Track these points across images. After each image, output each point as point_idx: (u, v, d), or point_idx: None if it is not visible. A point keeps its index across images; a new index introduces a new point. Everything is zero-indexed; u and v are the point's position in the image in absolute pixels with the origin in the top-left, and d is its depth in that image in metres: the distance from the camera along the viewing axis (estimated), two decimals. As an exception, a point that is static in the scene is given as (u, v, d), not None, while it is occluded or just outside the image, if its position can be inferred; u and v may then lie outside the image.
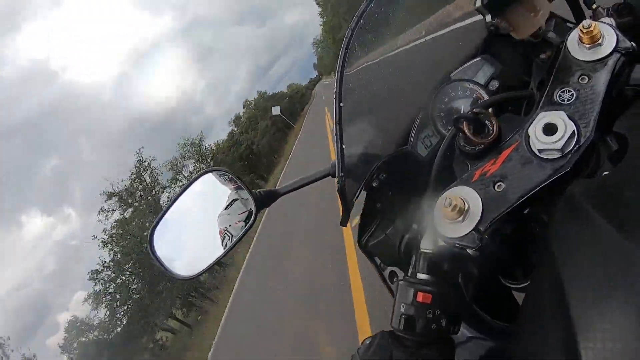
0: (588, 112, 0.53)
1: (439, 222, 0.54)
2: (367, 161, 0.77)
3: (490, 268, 0.66)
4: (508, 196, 0.52)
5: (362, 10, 0.78)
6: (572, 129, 0.51)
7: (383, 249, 0.77)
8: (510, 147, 0.55)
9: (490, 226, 0.51)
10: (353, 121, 0.75)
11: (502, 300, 0.74)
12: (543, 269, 0.45)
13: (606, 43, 0.56)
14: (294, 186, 0.94)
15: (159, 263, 0.94)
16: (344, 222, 0.75)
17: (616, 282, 0.35)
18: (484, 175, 0.54)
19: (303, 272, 7.39)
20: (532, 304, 0.47)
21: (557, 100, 0.55)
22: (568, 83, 0.56)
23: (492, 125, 0.58)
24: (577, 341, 0.34)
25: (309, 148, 8.91)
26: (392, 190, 0.79)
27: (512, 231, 0.57)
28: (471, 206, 0.53)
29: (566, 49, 0.58)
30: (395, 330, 0.56)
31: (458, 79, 0.83)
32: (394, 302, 0.58)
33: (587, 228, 0.41)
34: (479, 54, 0.84)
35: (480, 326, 0.71)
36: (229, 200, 0.96)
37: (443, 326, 0.55)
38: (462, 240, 0.52)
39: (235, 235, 0.94)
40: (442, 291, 0.56)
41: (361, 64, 0.83)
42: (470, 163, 0.59)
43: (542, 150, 0.52)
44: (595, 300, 0.36)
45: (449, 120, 0.81)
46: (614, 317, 0.34)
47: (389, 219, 0.77)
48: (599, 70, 0.55)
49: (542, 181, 0.51)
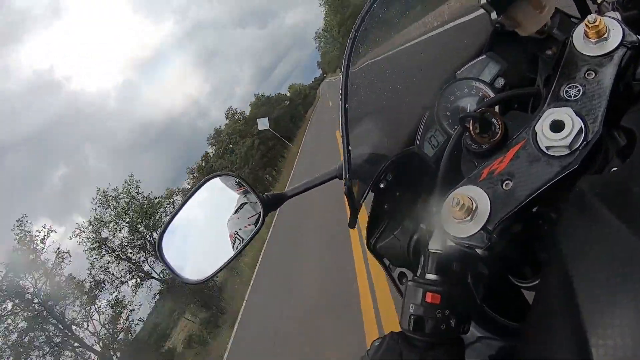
0: (595, 107, 0.52)
1: (447, 222, 0.53)
2: (374, 162, 0.77)
3: (499, 267, 0.66)
4: (516, 194, 0.51)
5: (366, 10, 0.78)
6: (580, 125, 0.51)
7: (391, 250, 0.77)
8: (517, 145, 0.55)
9: (498, 225, 0.51)
10: (359, 122, 0.76)
11: (512, 300, 0.74)
12: (552, 266, 0.45)
13: (612, 37, 0.56)
14: (301, 189, 0.94)
15: (168, 267, 0.95)
16: (352, 224, 0.75)
17: (625, 278, 0.35)
18: (492, 173, 0.54)
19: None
20: (542, 303, 0.47)
21: (563, 97, 0.55)
22: (574, 79, 0.55)
23: (498, 124, 0.57)
24: (588, 339, 0.34)
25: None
26: (399, 191, 0.79)
27: (521, 230, 0.56)
28: (479, 205, 0.52)
29: (572, 44, 0.58)
30: (405, 330, 0.56)
31: (463, 77, 0.83)
32: (403, 303, 0.58)
33: (596, 225, 0.41)
34: (484, 52, 0.84)
35: (490, 326, 0.71)
36: (238, 204, 0.97)
37: (452, 326, 0.55)
38: (471, 240, 0.52)
39: (245, 238, 0.94)
40: (451, 291, 0.56)
41: (366, 65, 0.83)
42: (478, 162, 0.59)
43: (550, 147, 0.51)
44: (605, 297, 0.35)
45: (455, 120, 0.80)
46: (624, 314, 0.33)
47: (397, 220, 0.77)
48: (606, 65, 0.55)
49: (550, 179, 0.50)
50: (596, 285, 0.37)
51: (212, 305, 21.83)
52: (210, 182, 0.97)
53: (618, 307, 0.34)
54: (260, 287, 11.56)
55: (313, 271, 7.36)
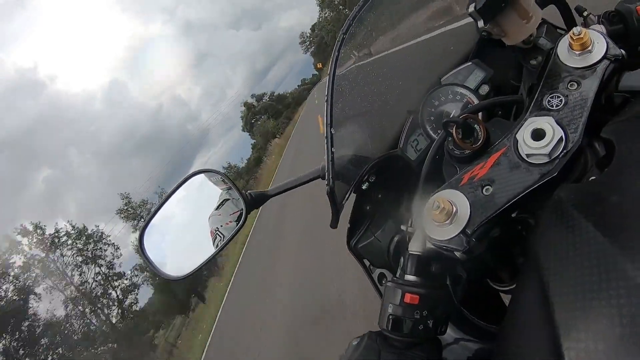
0: (576, 118, 0.53)
1: (427, 224, 0.54)
2: (357, 164, 0.77)
3: (477, 270, 0.66)
4: (496, 200, 0.52)
5: (354, 14, 0.78)
6: (560, 135, 0.52)
7: (372, 250, 0.77)
8: (498, 152, 0.55)
9: (477, 229, 0.52)
10: (343, 123, 0.76)
11: (490, 302, 0.74)
12: (529, 271, 0.46)
13: (596, 50, 0.57)
14: (283, 188, 0.94)
15: (149, 263, 0.93)
16: (334, 224, 0.75)
17: (599, 285, 0.35)
18: (473, 179, 0.55)
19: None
20: (518, 306, 0.47)
21: (546, 106, 0.56)
22: (557, 89, 0.56)
23: (481, 130, 0.58)
24: (561, 343, 0.35)
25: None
26: (381, 193, 0.79)
27: (499, 234, 0.57)
28: (459, 209, 0.53)
29: (556, 55, 0.59)
30: (383, 330, 0.57)
31: (449, 83, 0.83)
32: (382, 303, 0.59)
33: (573, 232, 0.41)
34: (470, 59, 0.85)
35: (467, 328, 0.71)
36: (220, 200, 0.96)
37: (430, 327, 0.55)
38: (450, 243, 0.52)
39: (227, 236, 0.94)
40: (429, 293, 0.56)
41: (353, 67, 0.83)
42: (459, 167, 0.59)
43: (530, 155, 0.52)
44: (579, 302, 0.36)
45: (438, 124, 0.81)
46: (597, 319, 0.34)
47: (378, 221, 0.78)
48: (588, 76, 0.56)
49: (529, 185, 0.51)
50: (570, 290, 0.37)
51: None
52: (194, 178, 0.97)
53: (591, 312, 0.35)
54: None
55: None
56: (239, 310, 11.28)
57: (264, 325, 7.22)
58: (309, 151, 14.27)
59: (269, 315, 7.18)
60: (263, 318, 7.53)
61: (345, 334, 3.25)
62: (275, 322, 6.67)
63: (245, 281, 13.26)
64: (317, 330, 4.75)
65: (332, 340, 4.13)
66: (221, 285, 18.38)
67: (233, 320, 11.81)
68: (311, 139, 17.25)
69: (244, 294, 12.00)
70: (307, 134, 23.77)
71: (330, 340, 4.18)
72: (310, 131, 20.98)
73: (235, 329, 10.57)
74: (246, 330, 8.50)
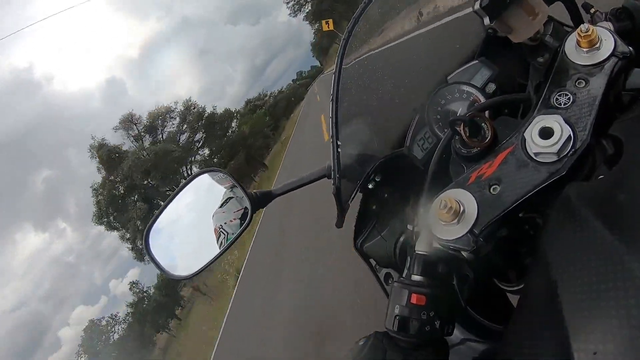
0: (585, 116, 0.53)
1: (434, 224, 0.54)
2: (363, 163, 0.77)
3: (484, 270, 0.66)
4: (503, 199, 0.52)
5: (360, 12, 0.78)
6: (569, 133, 0.51)
7: (378, 250, 0.77)
8: (506, 150, 0.55)
9: (485, 229, 0.51)
10: (349, 122, 0.75)
11: (497, 303, 0.74)
12: (536, 271, 0.45)
13: (604, 47, 0.56)
14: (288, 187, 0.94)
15: (155, 263, 0.94)
16: (340, 224, 0.75)
17: (608, 285, 0.35)
18: (480, 177, 0.54)
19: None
20: (526, 307, 0.47)
21: (553, 104, 0.55)
22: (565, 87, 0.56)
23: (488, 128, 0.58)
24: (570, 344, 0.34)
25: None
26: (387, 192, 0.79)
27: (507, 234, 0.56)
28: (466, 209, 0.53)
29: (564, 52, 0.58)
30: (389, 331, 0.56)
31: (455, 81, 0.83)
32: (388, 303, 0.58)
33: (581, 231, 0.41)
34: (477, 57, 0.84)
35: (474, 328, 0.71)
36: (224, 198, 0.96)
37: (437, 328, 0.55)
38: (457, 243, 0.52)
39: (231, 234, 0.94)
40: (436, 293, 0.56)
41: (359, 65, 0.82)
42: (466, 165, 0.59)
43: (538, 154, 0.52)
44: (588, 303, 0.36)
45: (445, 123, 0.80)
46: (606, 320, 0.34)
47: (384, 221, 0.77)
48: (596, 74, 0.55)
49: (537, 185, 0.51)
50: (579, 291, 0.37)
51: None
52: (198, 178, 0.97)
53: (601, 313, 0.35)
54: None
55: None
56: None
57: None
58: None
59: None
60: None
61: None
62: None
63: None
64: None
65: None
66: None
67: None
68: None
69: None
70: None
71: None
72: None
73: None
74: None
